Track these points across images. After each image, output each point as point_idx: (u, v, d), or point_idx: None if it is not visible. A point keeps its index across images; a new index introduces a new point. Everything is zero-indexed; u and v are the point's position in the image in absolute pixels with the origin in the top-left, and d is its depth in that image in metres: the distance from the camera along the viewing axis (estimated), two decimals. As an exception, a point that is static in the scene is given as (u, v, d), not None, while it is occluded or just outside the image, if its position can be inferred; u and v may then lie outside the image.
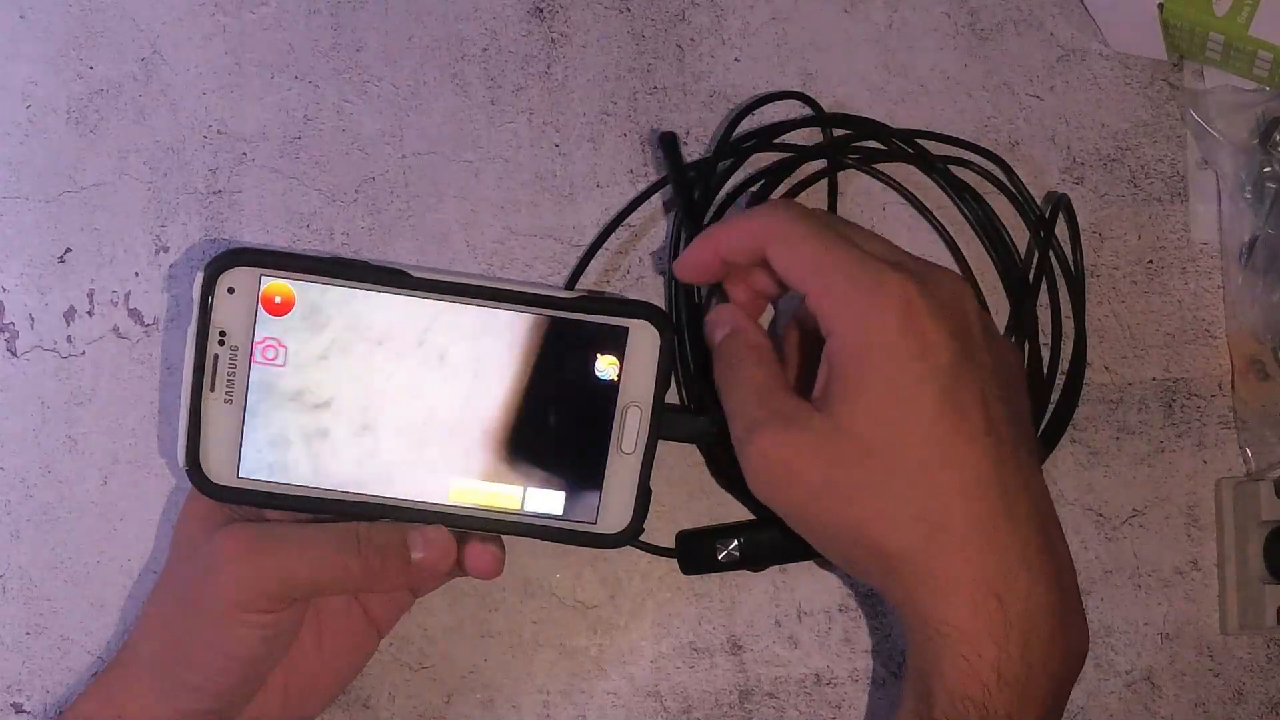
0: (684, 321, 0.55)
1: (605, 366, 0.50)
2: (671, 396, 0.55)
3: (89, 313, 0.58)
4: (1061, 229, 0.57)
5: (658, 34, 0.60)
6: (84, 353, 0.58)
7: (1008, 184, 0.58)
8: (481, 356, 0.50)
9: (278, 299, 0.49)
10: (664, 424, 0.51)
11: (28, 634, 0.56)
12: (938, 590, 0.44)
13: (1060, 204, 0.57)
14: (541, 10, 0.60)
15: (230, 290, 0.48)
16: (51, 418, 0.57)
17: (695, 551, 0.55)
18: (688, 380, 0.55)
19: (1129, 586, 0.57)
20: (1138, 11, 0.56)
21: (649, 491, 0.51)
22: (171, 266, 0.58)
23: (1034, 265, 0.57)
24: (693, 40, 0.60)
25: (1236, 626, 0.56)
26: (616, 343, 0.50)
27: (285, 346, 0.49)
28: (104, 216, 0.59)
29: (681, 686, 0.56)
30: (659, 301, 0.57)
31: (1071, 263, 0.57)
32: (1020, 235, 0.58)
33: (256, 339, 0.49)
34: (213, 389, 0.49)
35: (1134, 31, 0.58)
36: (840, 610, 0.56)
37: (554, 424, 0.50)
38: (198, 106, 0.59)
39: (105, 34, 0.60)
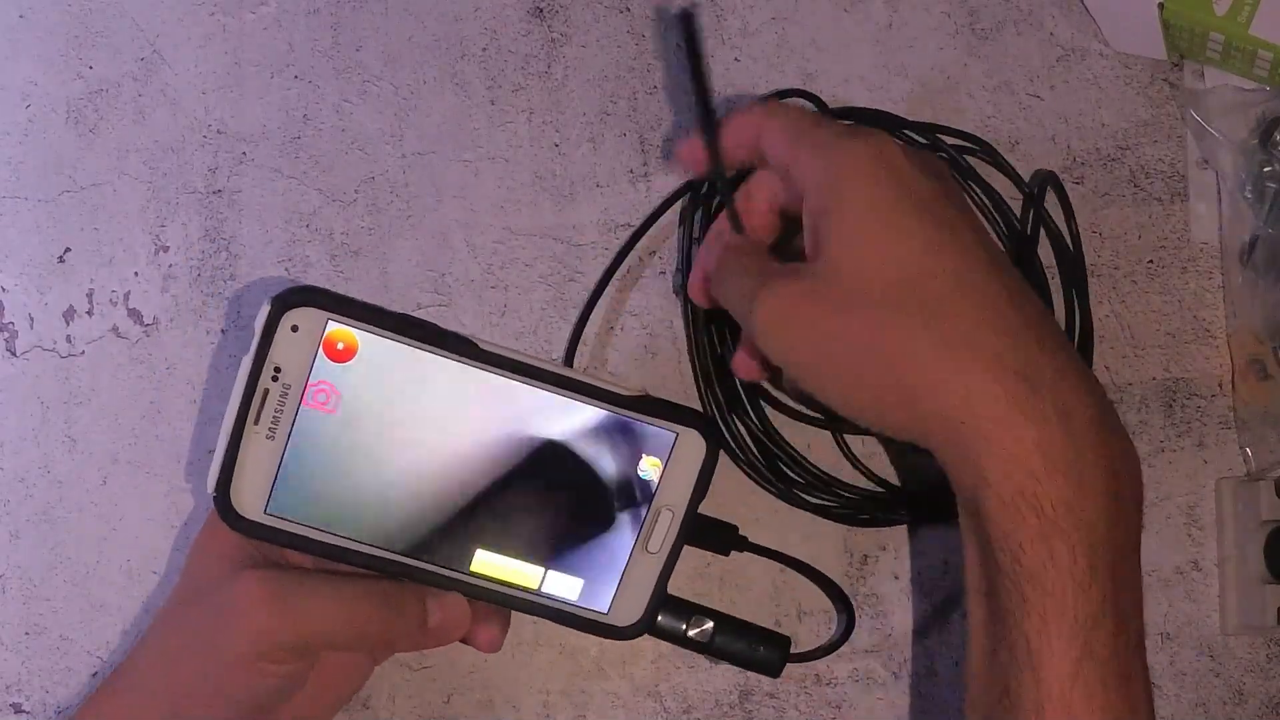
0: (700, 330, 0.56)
1: (648, 467, 0.50)
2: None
3: (88, 312, 0.58)
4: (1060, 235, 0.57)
5: (658, 34, 0.60)
6: (83, 352, 0.58)
7: (992, 163, 0.58)
8: (531, 438, 0.49)
9: (340, 345, 0.47)
10: (693, 530, 0.51)
11: (27, 634, 0.56)
12: (962, 382, 0.42)
13: (1047, 181, 0.57)
14: (541, 10, 0.60)
15: (294, 328, 0.46)
16: (51, 418, 0.57)
17: (665, 615, 0.53)
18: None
19: (1129, 586, 0.57)
20: (1138, 11, 0.56)
21: (665, 591, 0.51)
22: (171, 266, 0.58)
23: (1030, 220, 0.57)
24: (693, 40, 0.60)
25: (1237, 626, 0.56)
26: (663, 446, 0.50)
27: (339, 393, 0.47)
28: (103, 216, 0.59)
29: (681, 686, 0.56)
30: (679, 317, 0.57)
31: (1067, 236, 0.57)
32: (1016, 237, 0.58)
33: (311, 380, 0.47)
34: (256, 422, 0.47)
35: (1134, 31, 0.58)
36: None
37: (588, 513, 0.50)
38: (197, 106, 0.59)
39: (105, 34, 0.60)
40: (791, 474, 0.56)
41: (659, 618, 0.52)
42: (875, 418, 0.45)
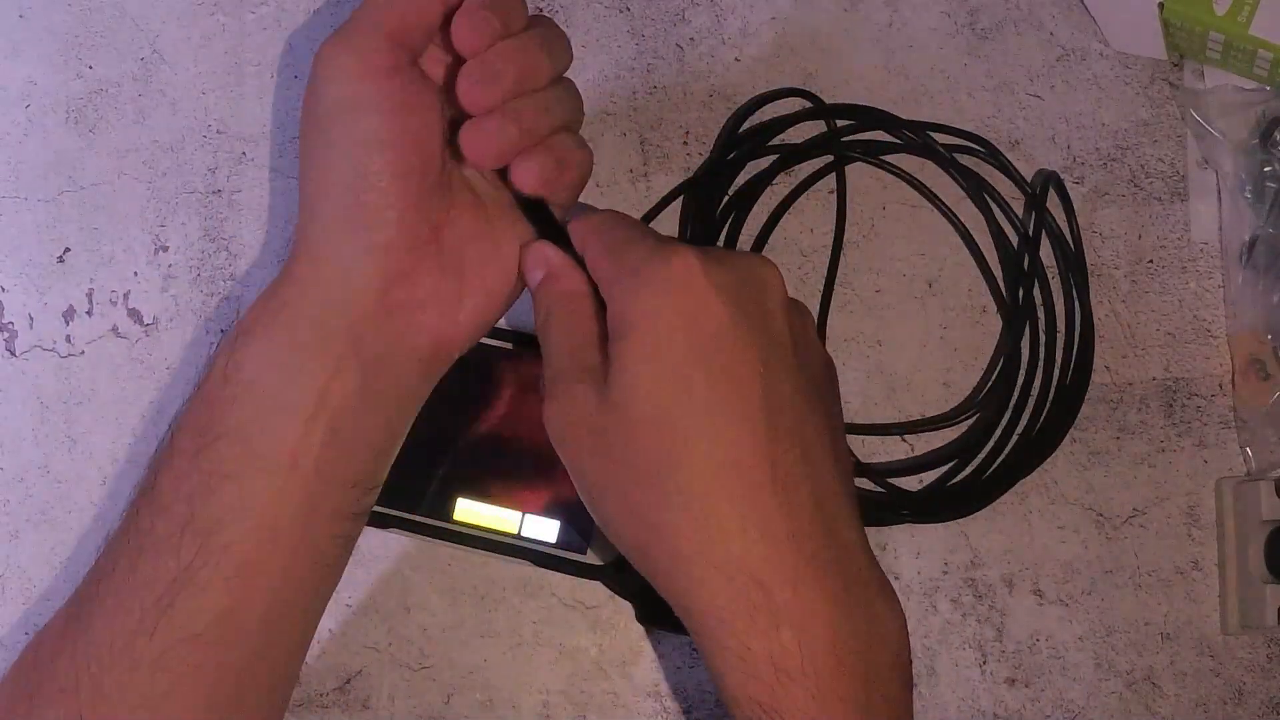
0: None
1: None
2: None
3: (88, 312, 0.58)
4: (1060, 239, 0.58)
5: (658, 34, 0.60)
6: (83, 352, 0.58)
7: (994, 164, 0.58)
8: (496, 392, 0.54)
9: None
10: None
11: (27, 634, 0.56)
12: (696, 576, 0.41)
13: (1049, 181, 0.57)
14: (542, 10, 0.60)
15: None
16: (51, 417, 0.57)
17: (656, 602, 0.54)
18: None
19: (1129, 586, 0.57)
20: (1138, 11, 0.56)
21: None
22: (171, 266, 0.58)
23: (1032, 223, 0.58)
24: (693, 40, 0.60)
25: (1237, 626, 0.56)
26: None
27: None
28: (103, 216, 0.59)
29: (681, 686, 0.56)
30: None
31: (1068, 236, 0.57)
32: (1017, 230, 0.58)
33: None
34: None
35: (1134, 31, 0.58)
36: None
37: (556, 459, 0.52)
38: (197, 106, 0.59)
39: (105, 34, 0.60)
40: None
41: (646, 608, 0.54)
42: (625, 554, 0.45)
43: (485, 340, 0.54)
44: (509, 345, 0.55)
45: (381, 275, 0.45)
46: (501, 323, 0.56)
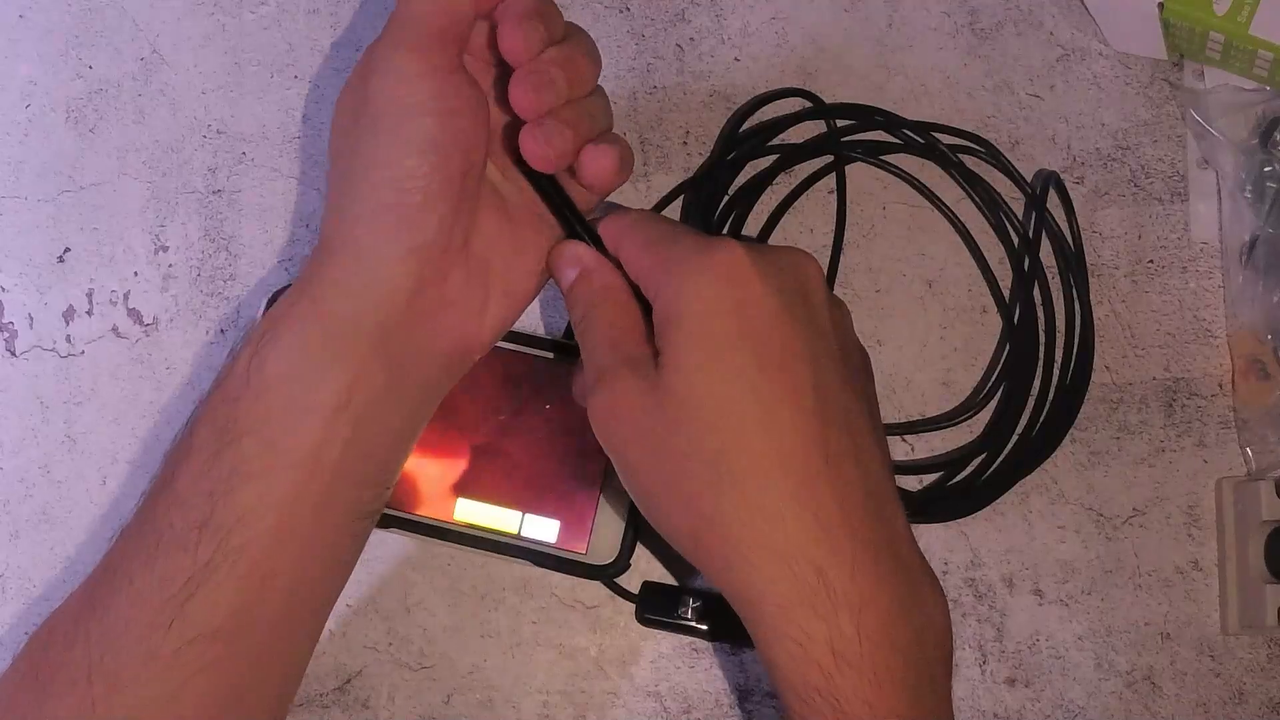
0: None
1: None
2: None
3: (88, 312, 0.58)
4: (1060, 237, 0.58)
5: (658, 34, 0.60)
6: (83, 352, 0.58)
7: (994, 164, 0.58)
8: (499, 390, 0.54)
9: None
10: None
11: (27, 634, 0.56)
12: (754, 563, 0.41)
13: (1050, 181, 0.57)
14: (541, 10, 0.60)
15: None
16: (51, 417, 0.57)
17: (656, 602, 0.55)
18: None
19: (1129, 586, 0.57)
20: (1138, 11, 0.56)
21: (637, 529, 0.53)
22: (171, 266, 0.58)
23: (1032, 223, 0.58)
24: (693, 40, 0.60)
25: (1237, 626, 0.56)
26: None
27: None
28: (103, 216, 0.59)
29: (681, 686, 0.56)
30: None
31: (1069, 235, 0.58)
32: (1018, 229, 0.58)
33: None
34: None
35: (1134, 31, 0.58)
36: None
37: (555, 459, 0.54)
38: (197, 106, 0.59)
39: (105, 34, 0.60)
40: None
41: (648, 607, 0.55)
42: (676, 546, 0.45)
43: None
44: (509, 345, 0.55)
45: (416, 277, 0.45)
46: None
